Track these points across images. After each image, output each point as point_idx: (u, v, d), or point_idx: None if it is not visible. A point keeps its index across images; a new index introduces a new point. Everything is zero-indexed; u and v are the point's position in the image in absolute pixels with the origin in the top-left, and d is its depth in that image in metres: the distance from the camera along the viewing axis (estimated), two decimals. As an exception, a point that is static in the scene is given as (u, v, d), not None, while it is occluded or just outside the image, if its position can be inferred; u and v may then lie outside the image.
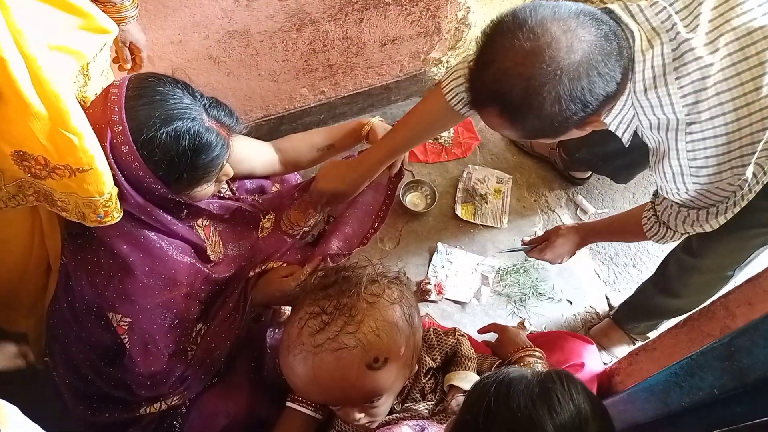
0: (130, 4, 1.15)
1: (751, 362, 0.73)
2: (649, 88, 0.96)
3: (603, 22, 0.90)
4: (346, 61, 1.94)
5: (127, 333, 1.07)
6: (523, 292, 1.87)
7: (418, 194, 2.03)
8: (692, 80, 0.93)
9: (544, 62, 0.85)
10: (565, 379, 0.78)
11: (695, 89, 0.93)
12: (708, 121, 0.94)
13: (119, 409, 1.17)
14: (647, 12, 0.95)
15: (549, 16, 0.87)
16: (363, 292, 0.99)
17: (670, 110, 0.96)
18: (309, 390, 0.98)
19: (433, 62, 2.18)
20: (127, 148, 0.95)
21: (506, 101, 0.91)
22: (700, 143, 0.96)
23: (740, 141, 0.94)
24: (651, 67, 0.94)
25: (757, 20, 0.90)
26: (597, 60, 0.87)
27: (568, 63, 0.85)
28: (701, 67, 0.92)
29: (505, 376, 0.81)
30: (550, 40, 0.85)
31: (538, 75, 0.86)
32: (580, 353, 1.37)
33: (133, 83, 0.98)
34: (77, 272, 1.07)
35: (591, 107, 0.90)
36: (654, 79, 0.95)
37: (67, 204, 0.94)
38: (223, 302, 1.23)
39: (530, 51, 0.86)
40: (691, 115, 0.95)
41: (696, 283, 1.45)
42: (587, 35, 0.87)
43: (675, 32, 0.93)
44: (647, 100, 0.98)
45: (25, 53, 0.72)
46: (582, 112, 0.91)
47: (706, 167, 0.98)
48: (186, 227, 1.14)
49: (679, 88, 0.94)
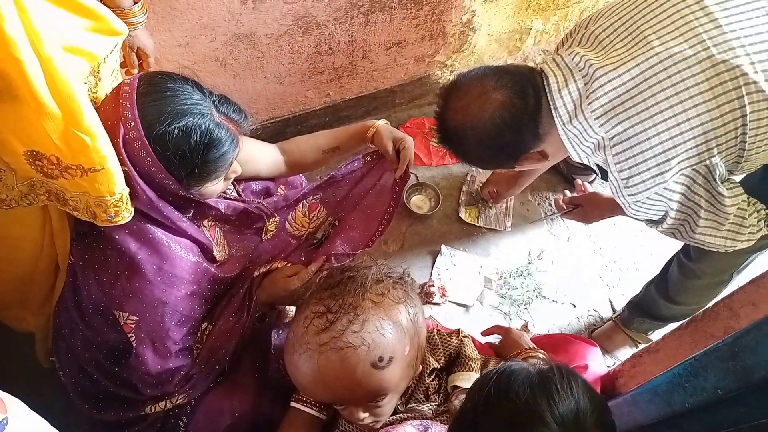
0: (140, 9, 1.16)
1: (755, 362, 0.73)
2: (571, 119, 1.13)
3: (521, 78, 1.15)
4: (352, 64, 1.96)
5: (134, 331, 1.08)
6: (526, 295, 1.87)
7: (422, 197, 2.04)
8: (601, 103, 1.09)
9: (467, 116, 1.17)
10: (565, 371, 0.79)
11: (605, 109, 1.09)
12: (623, 132, 1.08)
13: (124, 408, 1.18)
14: (566, 58, 1.15)
15: (475, 78, 1.18)
16: (368, 291, 1.00)
17: (593, 132, 1.12)
18: (314, 389, 0.99)
19: (438, 66, 2.19)
20: (140, 144, 0.96)
21: (454, 148, 1.26)
22: (622, 155, 1.10)
23: (658, 147, 1.06)
24: (570, 102, 1.13)
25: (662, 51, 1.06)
26: (504, 115, 1.13)
27: (479, 119, 1.15)
28: (609, 90, 1.08)
29: (506, 367, 0.82)
30: (469, 101, 1.16)
31: (460, 127, 1.19)
32: (584, 355, 1.37)
33: (144, 80, 0.99)
34: (84, 271, 1.08)
35: (516, 151, 1.21)
36: (574, 110, 1.13)
37: (79, 203, 0.95)
38: (229, 301, 1.23)
39: (459, 108, 1.18)
40: (609, 132, 1.10)
41: (694, 287, 1.46)
42: (499, 96, 1.13)
43: (588, 66, 1.11)
44: (573, 129, 1.14)
45: (41, 54, 0.74)
46: (507, 157, 1.23)
47: (631, 177, 1.10)
48: (194, 226, 1.15)
49: (591, 111, 1.10)
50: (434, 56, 2.13)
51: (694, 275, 1.43)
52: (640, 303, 1.67)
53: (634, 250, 2.01)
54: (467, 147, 1.22)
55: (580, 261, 1.97)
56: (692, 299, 1.50)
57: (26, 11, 0.71)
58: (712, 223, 1.11)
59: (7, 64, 0.72)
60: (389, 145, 1.33)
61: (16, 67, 0.73)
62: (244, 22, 1.59)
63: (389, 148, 1.32)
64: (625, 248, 2.01)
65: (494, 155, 1.22)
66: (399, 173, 1.34)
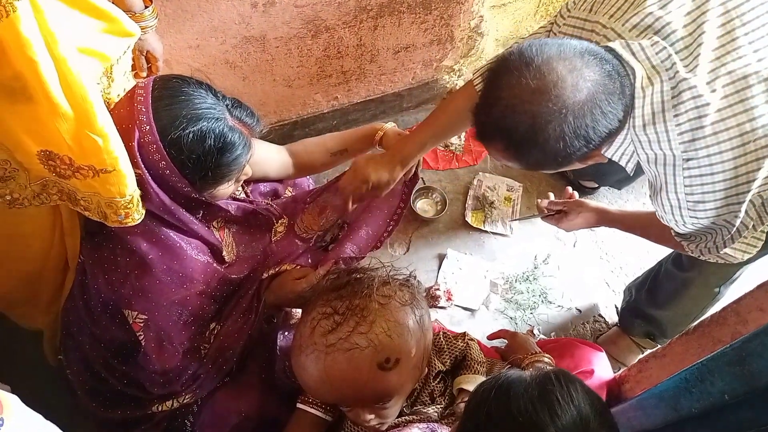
0: (150, 13, 1.18)
1: (762, 367, 0.73)
2: (648, 124, 0.98)
3: (606, 61, 0.92)
4: (360, 68, 1.97)
5: (143, 330, 1.08)
6: (532, 300, 1.87)
7: (429, 201, 2.05)
8: (689, 118, 0.95)
9: (550, 101, 0.88)
10: (564, 379, 0.78)
11: (692, 127, 0.95)
12: (705, 158, 0.96)
13: (131, 407, 1.19)
14: (648, 51, 0.97)
15: (555, 55, 0.90)
16: (375, 293, 1.00)
17: (667, 146, 0.98)
18: (320, 390, 0.99)
19: (446, 70, 2.20)
20: (155, 147, 0.97)
21: (512, 137, 0.93)
22: (697, 179, 0.99)
23: (736, 179, 0.96)
24: (650, 104, 0.97)
25: (751, 65, 0.94)
26: (600, 99, 0.90)
27: (573, 102, 0.88)
28: (698, 106, 0.94)
29: (503, 380, 0.81)
30: (556, 79, 0.88)
31: (543, 113, 0.89)
32: (590, 360, 1.37)
33: (159, 84, 1.00)
34: (94, 270, 1.09)
35: (593, 143, 0.94)
36: (653, 116, 0.97)
37: (90, 204, 0.96)
38: (237, 302, 1.24)
39: (536, 89, 0.88)
40: (689, 152, 0.97)
41: (683, 296, 1.47)
42: (592, 74, 0.90)
43: (674, 71, 0.95)
44: (645, 136, 1.00)
45: (55, 55, 0.75)
46: (585, 148, 0.94)
47: (703, 202, 1.01)
48: (204, 228, 1.16)
49: (676, 125, 0.96)
50: (442, 61, 2.14)
51: (684, 284, 1.44)
52: (633, 308, 1.68)
53: (640, 256, 2.00)
54: (538, 138, 0.91)
55: (586, 266, 1.97)
56: (679, 308, 1.51)
57: (42, 12, 0.72)
58: (745, 240, 1.07)
59: (22, 65, 0.73)
60: None
61: (31, 68, 0.74)
62: (254, 25, 1.61)
63: None
64: (631, 254, 2.01)
65: (565, 148, 0.93)
66: (408, 176, 1.35)
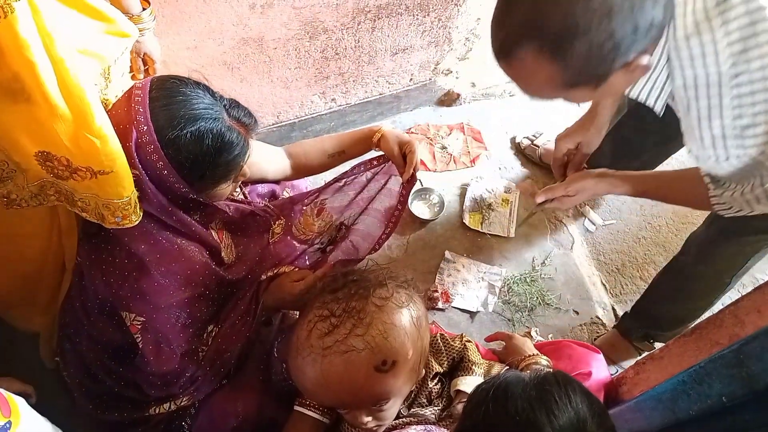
0: (148, 15, 1.18)
1: (760, 369, 0.73)
2: (691, 35, 0.86)
3: None
4: (358, 70, 1.97)
5: (140, 332, 1.08)
6: (530, 302, 1.87)
7: (427, 203, 2.04)
8: (740, 25, 0.83)
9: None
10: (562, 380, 0.78)
11: (743, 36, 0.83)
12: (759, 71, 0.84)
13: (128, 409, 1.18)
14: None
15: None
16: (372, 295, 1.00)
17: (713, 61, 0.86)
18: (317, 392, 0.99)
19: (443, 72, 2.20)
20: (152, 148, 0.96)
21: (546, 31, 0.80)
22: (747, 98, 0.87)
23: None
24: (693, 12, 0.85)
25: None
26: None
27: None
28: (751, 10, 0.82)
29: (501, 381, 0.81)
30: None
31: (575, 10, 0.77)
32: (588, 362, 1.37)
33: (156, 84, 1.00)
34: (92, 271, 1.09)
35: (641, 32, 0.82)
36: (697, 25, 0.85)
37: (87, 205, 0.96)
38: (235, 305, 1.24)
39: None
40: (739, 66, 0.85)
41: (694, 289, 1.46)
42: None
43: None
44: (688, 50, 0.88)
45: (53, 56, 0.75)
46: (632, 38, 0.82)
47: (753, 126, 0.88)
48: (202, 229, 1.16)
49: (725, 35, 0.84)
50: (439, 63, 2.14)
51: (693, 277, 1.43)
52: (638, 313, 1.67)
53: (638, 258, 2.01)
54: (579, 23, 0.79)
55: (584, 268, 1.97)
56: (690, 300, 1.49)
57: (40, 13, 0.72)
58: None
59: (20, 67, 0.74)
60: (395, 149, 1.33)
61: (29, 69, 0.74)
62: (252, 26, 1.61)
63: (395, 151, 1.33)
64: (629, 256, 2.01)
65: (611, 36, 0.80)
66: (406, 177, 1.34)
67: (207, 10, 1.50)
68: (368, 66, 1.98)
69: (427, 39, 1.99)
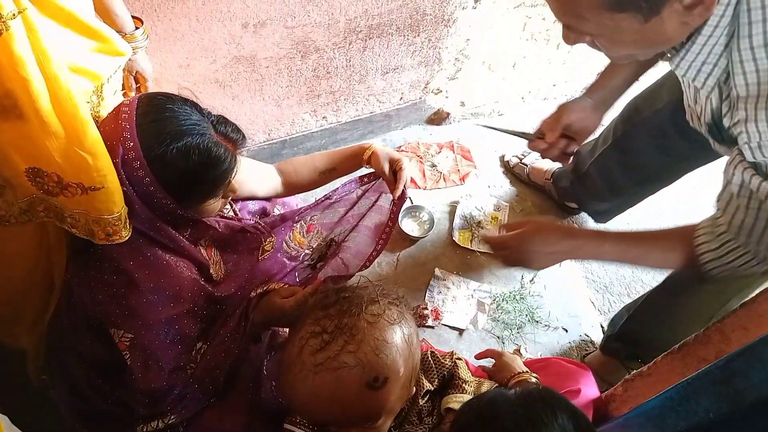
0: (141, 34, 1.19)
1: (747, 385, 0.74)
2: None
3: None
4: (349, 88, 1.99)
5: (129, 349, 1.07)
6: (519, 320, 1.88)
7: (416, 220, 2.06)
8: None
9: None
10: (548, 398, 0.79)
11: None
12: None
13: (116, 427, 1.16)
14: None
15: None
16: (364, 312, 1.00)
17: None
18: (309, 409, 0.98)
19: (433, 91, 2.23)
20: (139, 164, 0.97)
21: None
22: None
23: None
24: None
25: None
26: None
27: None
28: None
29: (488, 399, 0.81)
30: None
31: None
32: (577, 379, 1.38)
33: (144, 101, 1.01)
34: (80, 288, 1.08)
35: None
36: None
37: (77, 221, 0.96)
38: (224, 322, 1.23)
39: None
40: None
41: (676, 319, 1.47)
42: None
43: None
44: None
45: (47, 73, 0.75)
46: None
47: None
48: (191, 246, 1.16)
49: None
50: (429, 82, 2.17)
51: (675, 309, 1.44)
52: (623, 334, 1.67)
53: (626, 276, 2.02)
54: None
55: (573, 286, 1.99)
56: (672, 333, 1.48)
57: (36, 32, 0.72)
58: None
59: (14, 83, 0.74)
60: (386, 166, 1.34)
61: (23, 86, 0.74)
62: (245, 45, 1.62)
63: (386, 168, 1.34)
64: (617, 274, 2.03)
65: None
66: (396, 194, 1.35)
67: (200, 28, 1.51)
68: (359, 85, 2.00)
69: (418, 59, 2.02)
